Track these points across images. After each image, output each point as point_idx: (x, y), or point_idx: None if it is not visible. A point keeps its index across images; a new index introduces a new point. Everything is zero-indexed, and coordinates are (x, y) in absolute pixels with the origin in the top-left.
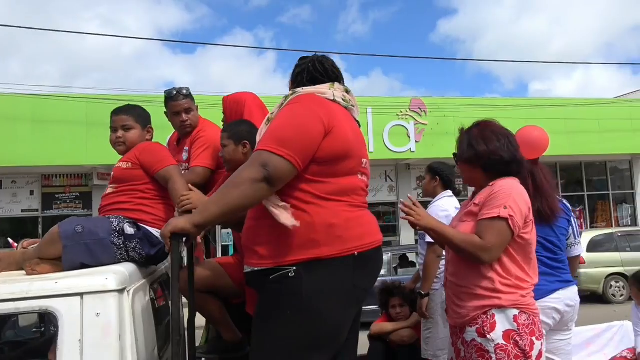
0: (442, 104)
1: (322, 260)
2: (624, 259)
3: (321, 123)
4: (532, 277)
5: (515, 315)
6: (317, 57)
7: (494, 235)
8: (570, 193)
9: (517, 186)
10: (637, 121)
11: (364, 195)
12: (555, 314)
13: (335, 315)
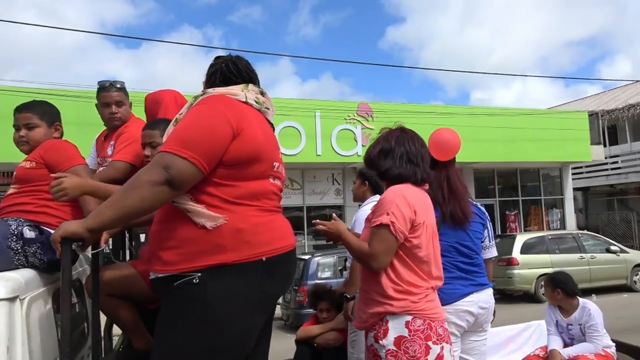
0: (388, 110)
1: (228, 266)
2: (554, 260)
3: (229, 125)
4: (427, 280)
5: (408, 321)
6: (230, 57)
7: (378, 243)
8: (506, 198)
9: (405, 191)
10: (568, 131)
11: (276, 199)
12: (469, 317)
13: (240, 323)
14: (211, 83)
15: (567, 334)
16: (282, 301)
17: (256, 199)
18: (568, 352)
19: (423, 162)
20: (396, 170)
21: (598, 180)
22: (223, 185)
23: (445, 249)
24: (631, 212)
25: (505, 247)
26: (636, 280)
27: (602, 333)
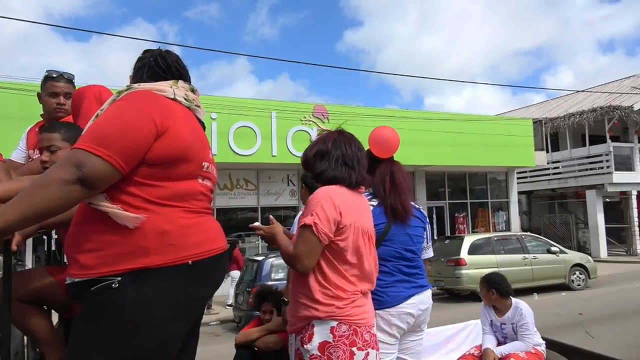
0: (344, 112)
1: (151, 269)
2: (499, 261)
3: (152, 123)
4: (355, 284)
5: (333, 327)
6: (160, 52)
7: (301, 244)
8: (456, 200)
9: (332, 192)
10: (514, 137)
11: (205, 200)
12: (409, 319)
13: (162, 329)
14: (138, 78)
15: (501, 333)
16: (235, 303)
17: (183, 200)
18: (501, 351)
19: (359, 165)
20: (331, 172)
21: (540, 184)
22: (147, 185)
23: (391, 254)
24: (570, 214)
25: (454, 248)
26: (573, 280)
27: (533, 332)
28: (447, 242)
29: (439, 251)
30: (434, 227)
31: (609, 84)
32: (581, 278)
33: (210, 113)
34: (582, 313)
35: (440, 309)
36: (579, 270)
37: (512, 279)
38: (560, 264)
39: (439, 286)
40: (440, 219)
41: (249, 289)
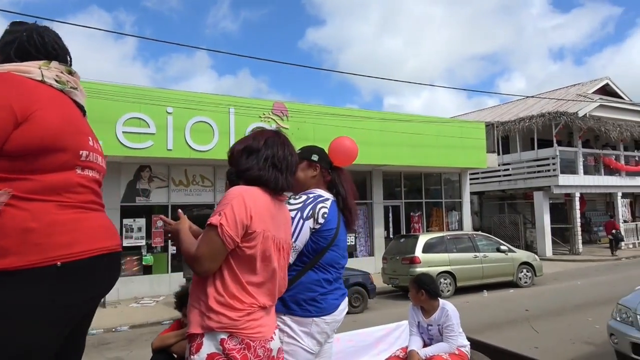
0: (303, 110)
1: (10, 272)
2: (451, 259)
3: (9, 109)
4: (255, 297)
5: (224, 339)
6: (36, 27)
7: (204, 245)
8: (412, 200)
9: (246, 193)
10: (467, 140)
11: (86, 192)
12: (335, 325)
13: (21, 340)
14: (5, 56)
15: (427, 334)
16: None
17: (56, 193)
18: (425, 352)
19: (287, 170)
20: (257, 172)
21: (492, 185)
22: (8, 180)
23: (335, 260)
24: (519, 215)
25: (409, 247)
26: (521, 277)
27: (458, 333)
28: (402, 240)
29: (395, 250)
30: (390, 225)
31: (557, 90)
32: (528, 276)
33: (166, 107)
34: (529, 309)
35: (395, 306)
36: (526, 268)
37: (464, 277)
38: (509, 262)
39: (394, 284)
40: (396, 218)
41: None
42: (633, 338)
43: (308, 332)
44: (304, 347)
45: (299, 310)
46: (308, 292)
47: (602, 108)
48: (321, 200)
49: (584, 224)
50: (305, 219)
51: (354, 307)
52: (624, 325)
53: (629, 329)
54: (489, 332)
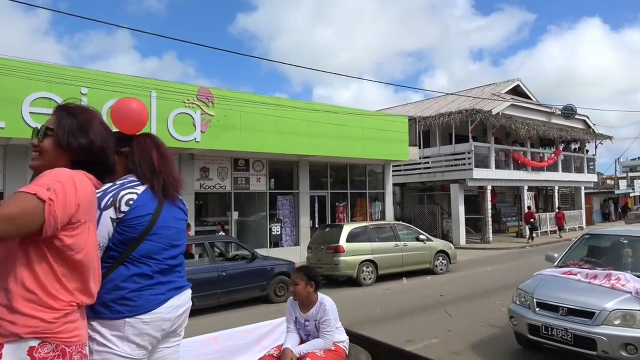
0: (230, 97)
1: None
2: (374, 248)
3: None
4: (73, 294)
5: (33, 347)
6: None
7: (15, 206)
8: (337, 190)
9: (78, 179)
10: (390, 132)
11: None
12: (165, 324)
13: None
14: None
15: (304, 330)
16: None
17: None
18: (300, 350)
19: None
20: (109, 155)
21: (413, 177)
22: None
23: (156, 250)
24: (437, 206)
25: (334, 236)
26: (437, 265)
27: (334, 328)
28: (327, 230)
29: (320, 239)
30: (316, 215)
31: (474, 89)
32: (443, 263)
33: (80, 87)
34: (443, 295)
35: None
36: (442, 256)
37: (385, 265)
38: (427, 250)
39: (319, 273)
40: (322, 208)
41: None
42: (529, 320)
43: (122, 336)
44: (118, 353)
45: (107, 313)
46: (116, 291)
47: (513, 107)
48: (128, 186)
49: (495, 215)
50: (103, 209)
51: (278, 296)
52: (522, 308)
53: (526, 311)
54: (407, 317)
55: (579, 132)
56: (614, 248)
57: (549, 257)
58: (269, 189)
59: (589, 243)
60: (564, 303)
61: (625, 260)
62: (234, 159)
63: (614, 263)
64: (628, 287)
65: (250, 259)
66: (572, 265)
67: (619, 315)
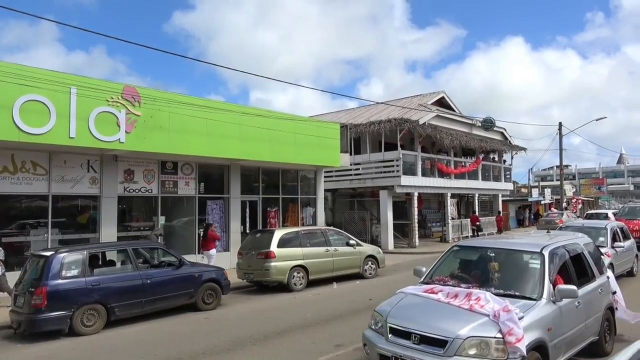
0: (158, 97)
1: None
2: (305, 253)
3: None
4: None
5: None
6: None
7: None
8: (269, 195)
9: None
10: (322, 139)
11: None
12: None
13: None
14: None
15: None
16: (13, 305)
17: None
18: None
19: None
20: None
21: (344, 183)
22: None
23: None
24: (366, 211)
25: (265, 242)
26: (366, 269)
27: None
28: (258, 235)
29: (251, 245)
30: (247, 220)
31: (403, 99)
32: (372, 267)
33: None
34: (372, 298)
35: (249, 301)
36: (371, 261)
37: (316, 270)
38: (357, 255)
39: (249, 279)
40: (253, 213)
41: (32, 289)
42: (380, 349)
43: None
44: None
45: None
46: None
47: (438, 118)
48: None
49: (421, 220)
50: None
51: (207, 303)
52: (375, 335)
53: (379, 338)
54: (337, 321)
55: (497, 143)
56: (482, 262)
57: (417, 271)
58: (198, 193)
59: (458, 256)
60: (417, 329)
61: (491, 275)
62: (162, 162)
63: (481, 278)
64: (486, 309)
65: (177, 265)
66: (438, 281)
67: (474, 344)
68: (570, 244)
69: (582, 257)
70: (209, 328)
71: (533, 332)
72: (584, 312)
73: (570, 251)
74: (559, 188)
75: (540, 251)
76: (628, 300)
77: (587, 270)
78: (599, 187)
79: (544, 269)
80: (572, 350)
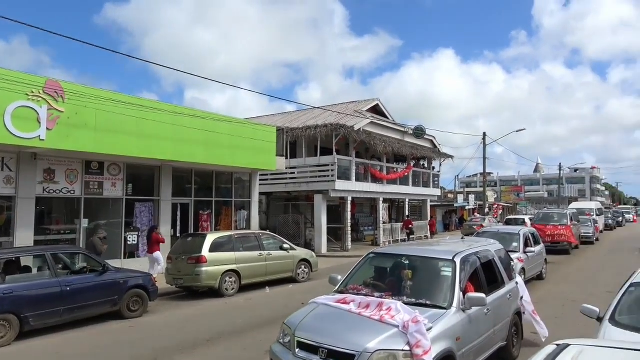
0: (84, 93)
1: None
2: (238, 258)
3: None
4: None
5: None
6: None
7: None
8: (202, 198)
9: None
10: (258, 142)
11: None
12: None
13: None
14: None
15: None
16: None
17: None
18: None
19: None
20: None
21: (279, 187)
22: None
23: None
24: (301, 215)
25: (196, 246)
26: (299, 273)
27: None
28: (189, 239)
29: (181, 249)
30: (178, 224)
31: (339, 105)
32: (306, 272)
33: None
34: (304, 302)
35: (178, 307)
36: (305, 265)
37: (249, 275)
38: (290, 259)
39: (179, 284)
40: (185, 216)
41: None
42: None
43: None
44: None
45: None
46: None
47: (372, 125)
48: None
49: (354, 224)
50: None
51: (132, 311)
52: (283, 350)
53: (286, 353)
54: (269, 327)
55: (427, 150)
56: (396, 269)
57: (332, 279)
58: (125, 194)
59: (373, 263)
60: (325, 343)
61: (404, 283)
62: (86, 161)
63: (395, 286)
64: (396, 320)
65: (101, 271)
66: (352, 290)
67: (382, 357)
68: (482, 250)
69: (493, 263)
70: (133, 337)
71: (441, 343)
72: (493, 319)
73: (481, 258)
74: (482, 194)
75: (452, 259)
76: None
77: (497, 277)
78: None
79: (455, 276)
80: (481, 356)
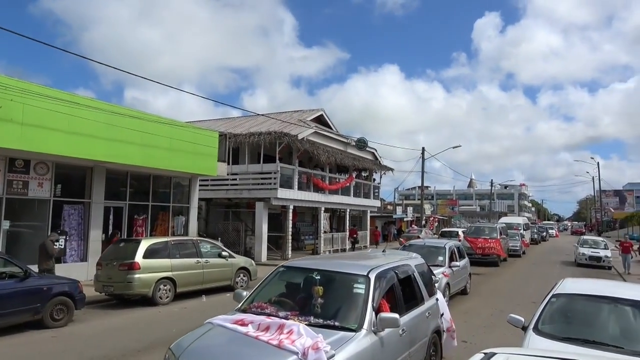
0: (10, 86)
1: None
2: (174, 265)
3: None
4: None
5: None
6: None
7: None
8: (137, 202)
9: None
10: (199, 146)
11: None
12: None
13: None
14: None
15: None
16: None
17: None
18: None
19: None
20: None
21: (220, 193)
22: None
23: None
24: (241, 222)
25: (129, 252)
26: (238, 281)
27: None
28: (122, 245)
29: (112, 255)
30: (110, 228)
31: (283, 113)
32: (244, 280)
33: None
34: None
35: (107, 315)
36: (243, 273)
37: (185, 283)
38: (229, 267)
39: (108, 292)
40: (118, 221)
41: None
42: None
43: None
44: None
45: None
46: None
47: (316, 134)
48: None
49: (295, 233)
50: None
51: (55, 320)
52: None
53: None
54: None
55: (369, 162)
56: (307, 285)
57: (237, 295)
58: (53, 196)
59: (284, 278)
60: None
61: (315, 301)
62: (10, 159)
63: (304, 304)
64: (296, 346)
65: (22, 277)
66: (255, 309)
67: None
68: (401, 265)
69: (412, 279)
70: (56, 348)
71: None
72: (409, 340)
73: (400, 273)
74: (420, 207)
75: (366, 274)
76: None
77: (416, 294)
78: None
79: (368, 294)
80: None
